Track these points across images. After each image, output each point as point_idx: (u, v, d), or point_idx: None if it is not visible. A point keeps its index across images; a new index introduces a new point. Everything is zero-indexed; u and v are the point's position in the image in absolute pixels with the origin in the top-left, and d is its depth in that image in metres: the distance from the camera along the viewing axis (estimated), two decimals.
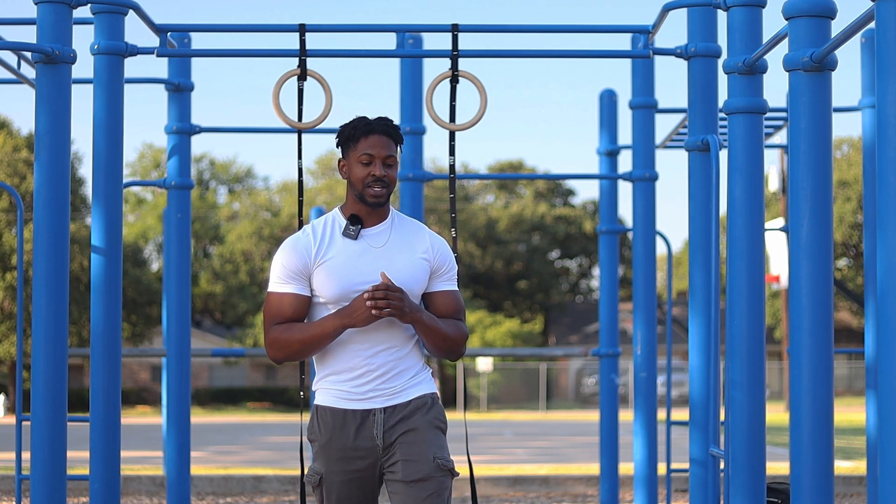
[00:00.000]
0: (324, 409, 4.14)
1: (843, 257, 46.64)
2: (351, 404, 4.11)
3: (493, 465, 15.08)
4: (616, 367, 8.72)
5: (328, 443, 4.12)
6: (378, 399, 4.10)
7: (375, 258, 4.12)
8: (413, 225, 4.25)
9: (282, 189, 52.03)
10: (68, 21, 5.06)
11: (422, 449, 4.08)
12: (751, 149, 4.80)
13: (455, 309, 4.21)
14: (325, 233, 4.16)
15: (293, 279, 4.12)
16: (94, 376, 5.25)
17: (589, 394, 46.56)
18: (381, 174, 4.10)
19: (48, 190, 5.00)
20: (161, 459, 14.79)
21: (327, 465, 4.12)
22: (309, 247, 4.13)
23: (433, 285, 4.19)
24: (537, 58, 5.68)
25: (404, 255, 4.14)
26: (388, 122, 4.16)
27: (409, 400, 4.12)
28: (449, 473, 4.10)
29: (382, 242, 4.15)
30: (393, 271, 4.08)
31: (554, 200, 53.98)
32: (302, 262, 4.11)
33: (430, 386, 4.19)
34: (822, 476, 4.27)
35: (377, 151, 4.11)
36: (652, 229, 7.61)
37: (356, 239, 4.14)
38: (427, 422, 4.11)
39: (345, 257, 4.11)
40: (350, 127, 4.16)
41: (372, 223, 4.17)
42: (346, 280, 4.08)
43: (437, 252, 4.20)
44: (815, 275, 4.28)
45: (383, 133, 4.13)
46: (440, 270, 4.19)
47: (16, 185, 35.93)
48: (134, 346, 40.53)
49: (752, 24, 4.89)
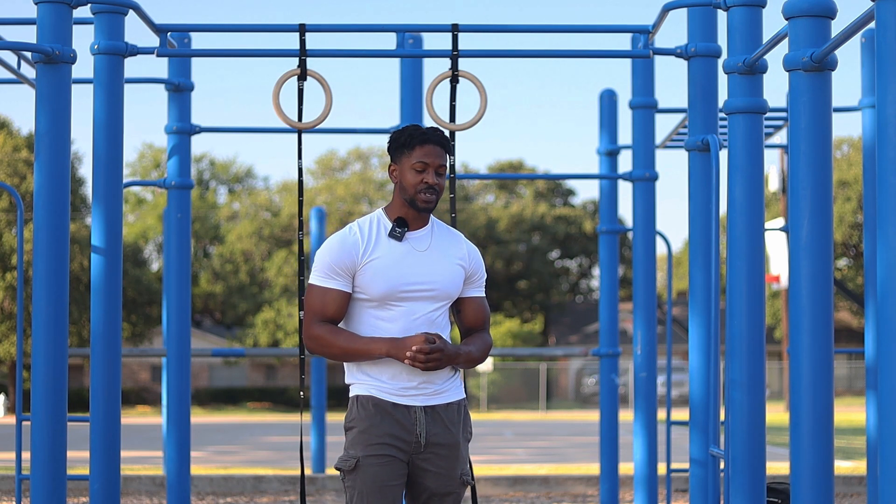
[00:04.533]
0: (365, 398, 4.24)
1: (843, 257, 46.63)
2: (392, 398, 4.23)
3: (493, 465, 15.08)
4: (616, 367, 8.72)
5: (369, 428, 4.21)
6: (419, 398, 4.23)
7: (418, 261, 4.26)
8: (450, 232, 4.41)
9: (282, 189, 52.01)
10: (68, 21, 5.06)
11: (453, 465, 4.26)
12: (751, 149, 4.80)
13: (484, 316, 4.40)
14: (372, 233, 4.28)
15: (339, 275, 4.24)
16: (94, 376, 5.25)
17: (589, 394, 46.54)
18: (434, 182, 4.24)
19: (48, 190, 5.01)
20: (161, 459, 14.79)
21: (366, 450, 4.20)
22: (357, 245, 4.24)
23: (465, 291, 4.36)
24: (537, 58, 5.69)
25: (444, 260, 4.29)
26: (442, 134, 4.32)
27: (447, 404, 4.27)
28: (466, 486, 4.32)
29: (425, 247, 4.29)
30: (434, 275, 4.25)
31: (554, 200, 53.97)
32: (350, 259, 4.23)
33: (462, 390, 4.36)
34: (822, 476, 4.27)
35: (431, 160, 4.25)
36: (652, 229, 7.62)
37: (401, 241, 4.26)
38: (462, 437, 4.30)
39: (391, 258, 4.24)
40: (406, 134, 4.28)
41: (416, 227, 4.30)
42: (392, 281, 4.21)
43: (472, 259, 4.37)
44: (815, 275, 4.28)
45: (438, 143, 4.27)
46: (473, 277, 4.37)
47: (16, 185, 35.91)
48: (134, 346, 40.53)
49: (752, 24, 4.90)
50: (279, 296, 45.31)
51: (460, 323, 4.40)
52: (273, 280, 46.39)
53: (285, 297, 44.83)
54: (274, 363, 49.80)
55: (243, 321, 47.87)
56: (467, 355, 4.27)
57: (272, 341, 44.06)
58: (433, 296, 4.25)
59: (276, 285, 45.88)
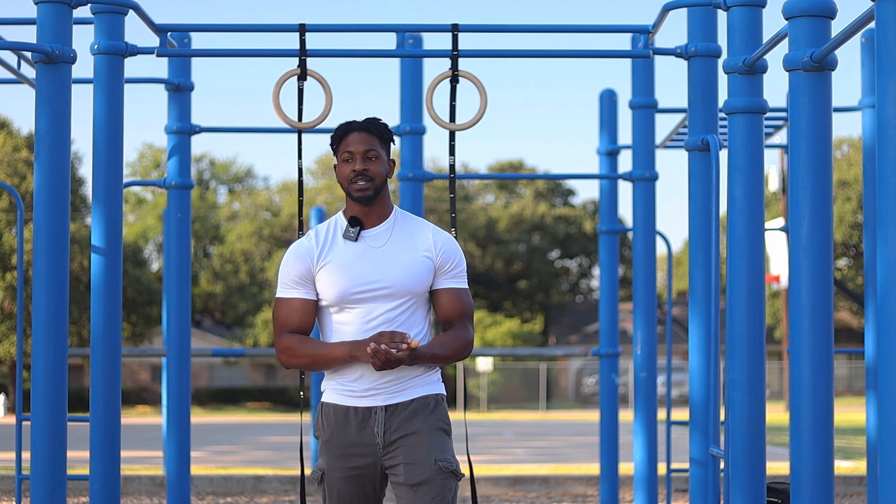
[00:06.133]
0: (328, 405, 4.19)
1: (843, 257, 46.63)
2: (353, 401, 4.14)
3: (493, 465, 15.08)
4: (616, 367, 8.72)
5: (330, 439, 4.16)
6: (379, 397, 4.13)
7: (375, 259, 4.15)
8: (416, 223, 4.26)
9: (282, 189, 52.02)
10: (68, 21, 5.06)
11: (423, 452, 4.10)
12: (751, 149, 4.80)
13: (459, 308, 4.21)
14: (328, 236, 4.21)
15: (298, 284, 4.19)
16: (94, 376, 5.25)
17: (589, 394, 46.55)
18: (361, 168, 4.14)
19: (48, 190, 5.00)
20: (161, 459, 14.79)
21: (329, 462, 4.16)
22: (311, 251, 4.18)
23: (437, 283, 4.20)
24: (537, 58, 5.68)
25: (405, 254, 4.16)
26: (369, 120, 4.21)
27: (412, 399, 4.14)
28: (452, 475, 4.12)
29: (382, 243, 4.18)
30: (389, 272, 4.12)
31: (554, 200, 53.97)
32: (304, 266, 4.18)
33: (436, 387, 4.21)
34: (822, 476, 4.27)
35: (356, 147, 4.16)
36: (652, 229, 7.61)
37: (356, 240, 4.17)
38: (429, 424, 4.13)
39: (344, 259, 4.15)
40: (334, 132, 4.22)
41: (372, 223, 4.20)
42: (345, 282, 4.13)
43: (441, 249, 4.20)
44: (815, 275, 4.27)
45: (361, 130, 4.18)
46: (444, 267, 4.20)
47: (16, 185, 35.92)
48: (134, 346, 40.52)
49: (752, 24, 4.89)
50: None
51: (438, 317, 4.26)
52: (273, 280, 46.39)
53: None
54: (274, 363, 49.81)
55: (243, 321, 47.88)
56: (430, 353, 4.09)
57: (272, 341, 44.04)
58: (389, 293, 4.12)
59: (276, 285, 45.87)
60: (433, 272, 4.19)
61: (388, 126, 4.28)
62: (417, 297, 4.16)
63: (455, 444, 4.35)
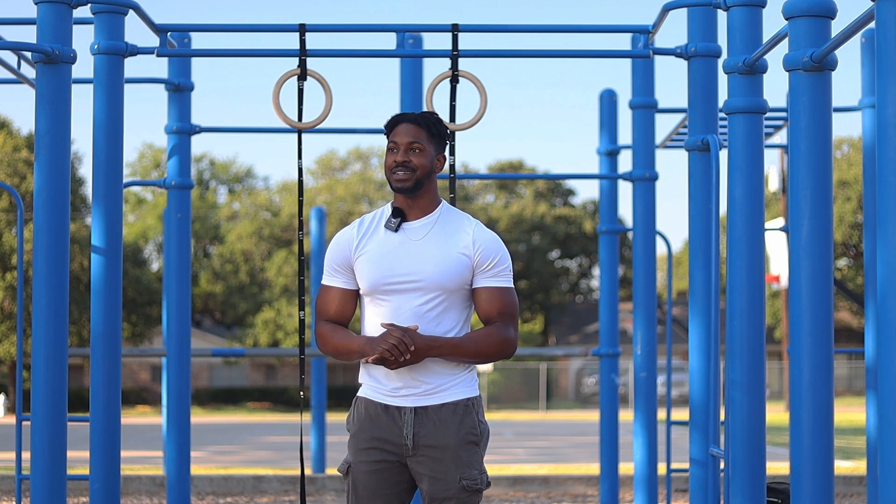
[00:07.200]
0: (361, 400, 4.18)
1: (843, 257, 46.62)
2: (384, 398, 4.12)
3: (493, 465, 15.08)
4: (616, 367, 8.72)
5: (358, 432, 4.15)
6: (410, 398, 4.09)
7: (409, 252, 4.12)
8: (460, 220, 4.20)
9: (282, 189, 52.00)
10: (68, 21, 5.06)
11: (449, 469, 4.08)
12: (751, 149, 4.80)
13: (498, 307, 4.13)
14: (371, 225, 4.20)
15: (338, 272, 4.19)
16: (94, 376, 5.25)
17: (589, 394, 46.54)
18: (403, 159, 4.11)
19: (48, 190, 5.00)
20: (161, 459, 14.79)
21: (355, 455, 4.15)
22: (351, 239, 4.18)
23: (477, 281, 4.14)
24: (537, 58, 5.69)
25: (441, 249, 4.11)
26: (423, 112, 4.21)
27: (442, 404, 4.10)
28: (476, 493, 4.11)
29: (421, 236, 4.14)
30: (422, 266, 4.08)
31: (554, 200, 53.96)
32: (344, 254, 4.18)
33: (467, 389, 4.15)
34: (822, 476, 4.27)
35: (400, 139, 4.14)
36: (652, 229, 7.61)
37: (396, 231, 4.15)
38: (459, 438, 4.10)
39: (380, 250, 4.13)
40: (387, 122, 4.21)
41: (415, 216, 4.17)
42: (379, 272, 4.10)
43: (480, 247, 4.14)
44: (815, 275, 4.27)
45: (410, 121, 4.16)
46: (483, 266, 4.13)
47: (16, 185, 35.91)
48: (134, 346, 40.52)
49: (752, 24, 4.90)
50: (279, 296, 45.30)
51: (479, 316, 4.19)
52: (273, 280, 46.39)
53: (285, 297, 44.82)
54: (274, 363, 49.80)
55: (243, 321, 47.87)
56: (453, 347, 4.04)
57: (272, 341, 44.05)
58: (420, 287, 4.07)
59: (276, 285, 45.88)
60: (470, 270, 4.13)
61: (442, 122, 4.24)
62: (450, 293, 4.10)
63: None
